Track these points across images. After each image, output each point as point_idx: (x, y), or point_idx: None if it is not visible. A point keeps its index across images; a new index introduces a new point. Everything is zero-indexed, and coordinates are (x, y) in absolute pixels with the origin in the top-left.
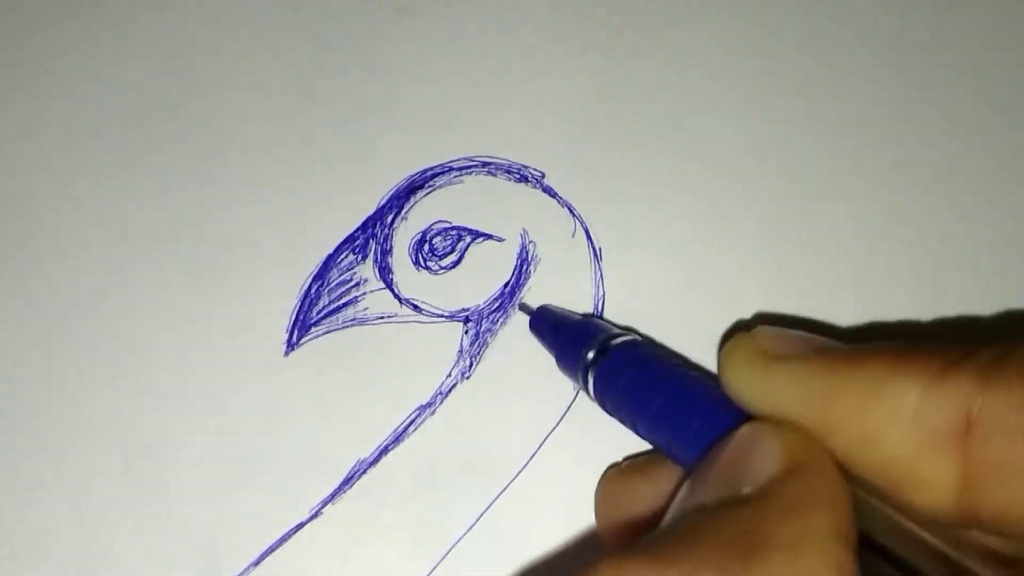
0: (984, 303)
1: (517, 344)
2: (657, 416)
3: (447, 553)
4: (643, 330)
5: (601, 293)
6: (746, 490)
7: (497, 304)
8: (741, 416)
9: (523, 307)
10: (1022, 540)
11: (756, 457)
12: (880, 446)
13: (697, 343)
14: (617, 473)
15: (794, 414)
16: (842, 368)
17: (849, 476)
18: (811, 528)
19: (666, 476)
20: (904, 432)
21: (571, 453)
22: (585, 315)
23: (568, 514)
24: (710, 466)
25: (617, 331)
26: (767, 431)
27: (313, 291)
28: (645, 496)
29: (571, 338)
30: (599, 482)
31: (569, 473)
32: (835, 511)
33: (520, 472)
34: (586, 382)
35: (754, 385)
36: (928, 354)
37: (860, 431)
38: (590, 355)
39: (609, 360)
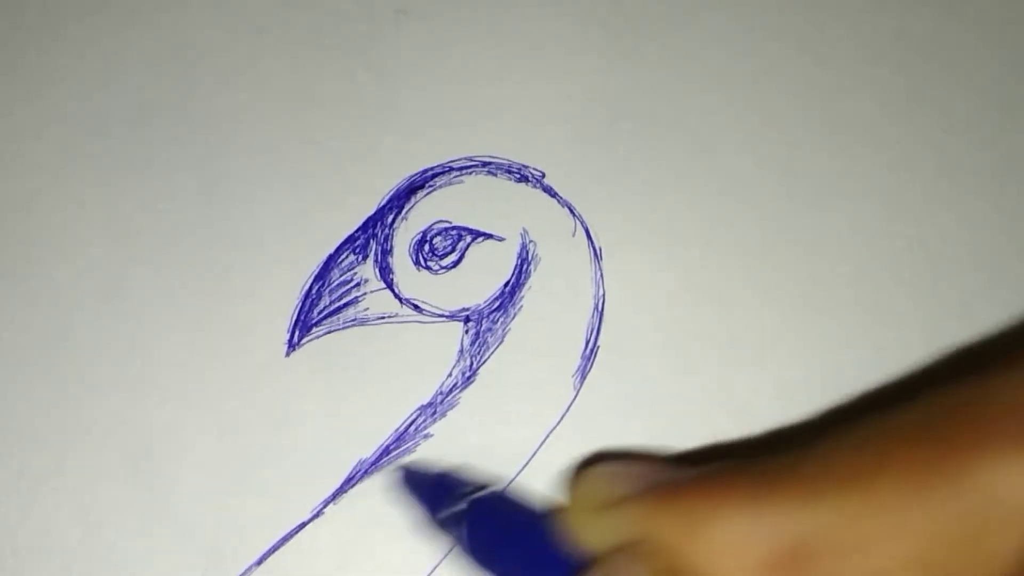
0: (984, 303)
1: (518, 344)
2: (519, 570)
3: (448, 553)
4: (643, 330)
5: (601, 293)
6: None
7: (497, 304)
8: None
9: (392, 468)
10: None
11: None
12: None
13: (697, 343)
14: None
15: None
16: (668, 507)
17: None
18: None
19: None
20: (732, 566)
21: (571, 453)
22: (450, 469)
23: None
24: None
25: (482, 483)
26: (629, 558)
27: (314, 291)
28: None
29: (437, 493)
30: None
31: (569, 473)
32: None
33: (520, 472)
34: (457, 536)
35: (593, 535)
36: (749, 478)
37: (688, 570)
38: (459, 508)
39: (472, 516)
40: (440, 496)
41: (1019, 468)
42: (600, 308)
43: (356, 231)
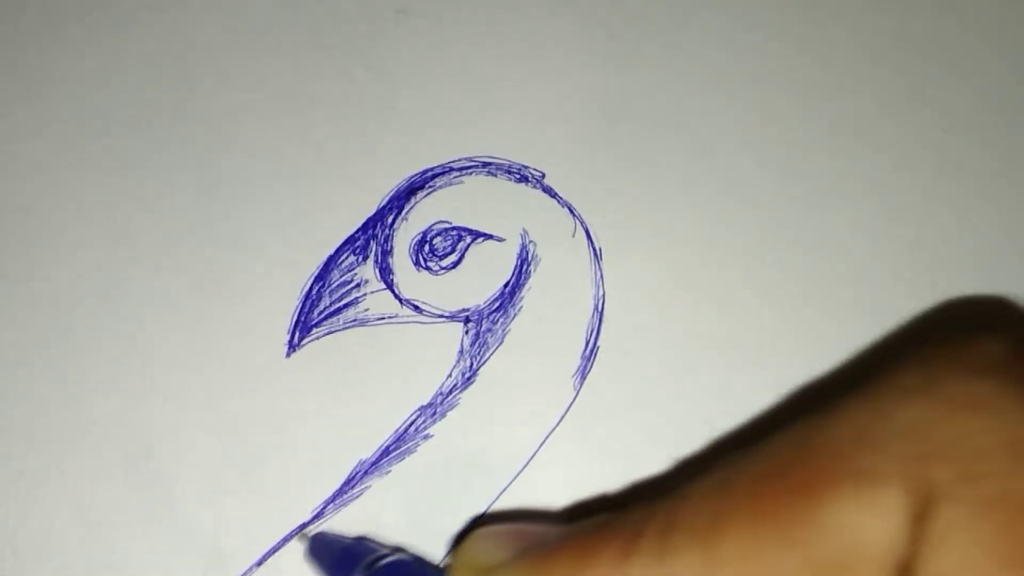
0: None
1: (518, 344)
2: None
3: (447, 553)
4: (643, 330)
5: (601, 293)
6: None
7: (497, 304)
8: None
9: (300, 537)
10: None
11: None
12: None
13: (697, 343)
14: None
15: None
16: (539, 567)
17: None
18: None
19: None
20: None
21: (571, 453)
22: (359, 538)
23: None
24: None
25: (387, 551)
26: None
27: (314, 292)
28: None
29: (343, 562)
30: None
31: (569, 473)
32: None
33: (520, 472)
34: None
35: None
36: (612, 535)
37: None
38: None
39: None
40: (345, 565)
41: (858, 505)
42: (600, 308)
43: (356, 232)
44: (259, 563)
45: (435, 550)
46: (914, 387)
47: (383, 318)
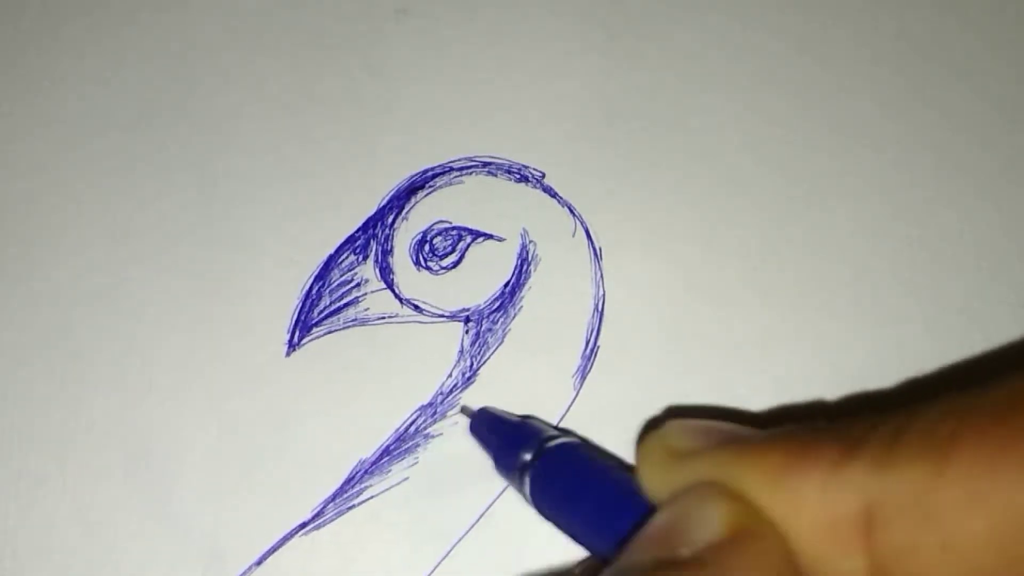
0: (985, 303)
1: (518, 344)
2: (587, 519)
3: (447, 553)
4: (643, 330)
5: (601, 293)
6: (684, 552)
7: (497, 304)
8: None
9: (464, 410)
10: None
11: (697, 520)
12: (788, 538)
13: (697, 343)
14: None
15: None
16: (745, 460)
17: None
18: None
19: None
20: (806, 526)
21: None
22: (524, 417)
23: None
24: (648, 526)
25: (554, 433)
26: (711, 495)
27: (314, 291)
28: None
29: (508, 441)
30: None
31: None
32: None
33: None
34: (522, 485)
35: (666, 484)
36: (828, 440)
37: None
38: (526, 458)
39: (543, 463)
40: (509, 444)
41: None
42: (600, 308)
43: (356, 231)
44: (259, 563)
45: (435, 550)
46: None
47: (383, 318)
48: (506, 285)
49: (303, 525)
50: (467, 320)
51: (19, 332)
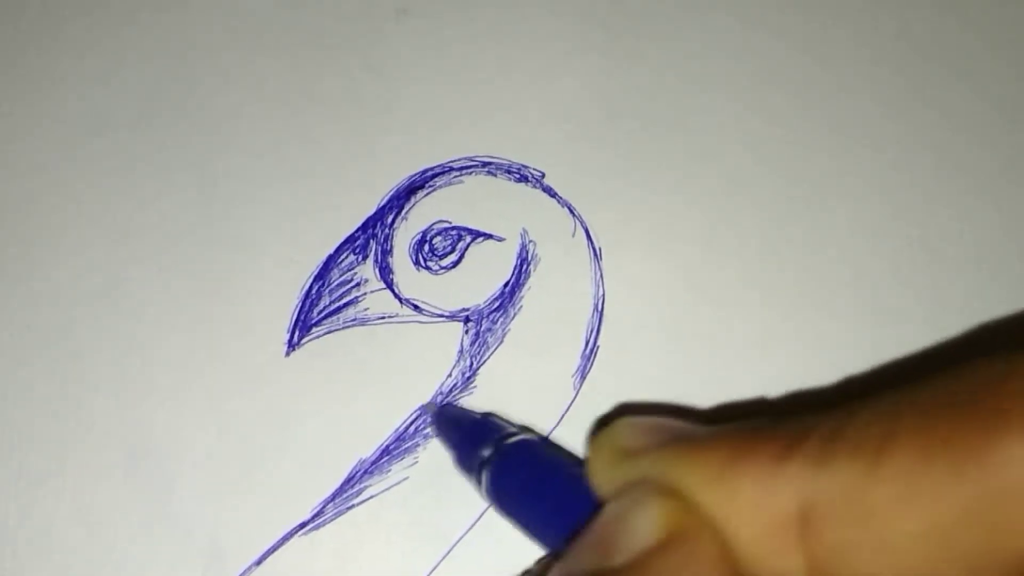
0: (986, 303)
1: (518, 344)
2: (540, 516)
3: (447, 553)
4: (643, 330)
5: (601, 293)
6: (617, 560)
7: (497, 304)
8: None
9: (426, 407)
10: None
11: (631, 525)
12: (726, 537)
13: (697, 343)
14: None
15: None
16: (687, 459)
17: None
18: None
19: None
20: (746, 524)
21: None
22: (486, 414)
23: None
24: (582, 535)
25: (513, 430)
26: (646, 496)
27: (314, 291)
28: None
29: (469, 437)
30: None
31: None
32: None
33: None
34: (480, 481)
35: (613, 482)
36: (768, 438)
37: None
38: (485, 454)
39: (500, 460)
40: (470, 440)
41: None
42: (600, 308)
43: (356, 231)
44: (258, 562)
45: (435, 550)
46: None
47: (383, 317)
48: (506, 285)
49: (303, 525)
50: (467, 320)
51: (19, 332)
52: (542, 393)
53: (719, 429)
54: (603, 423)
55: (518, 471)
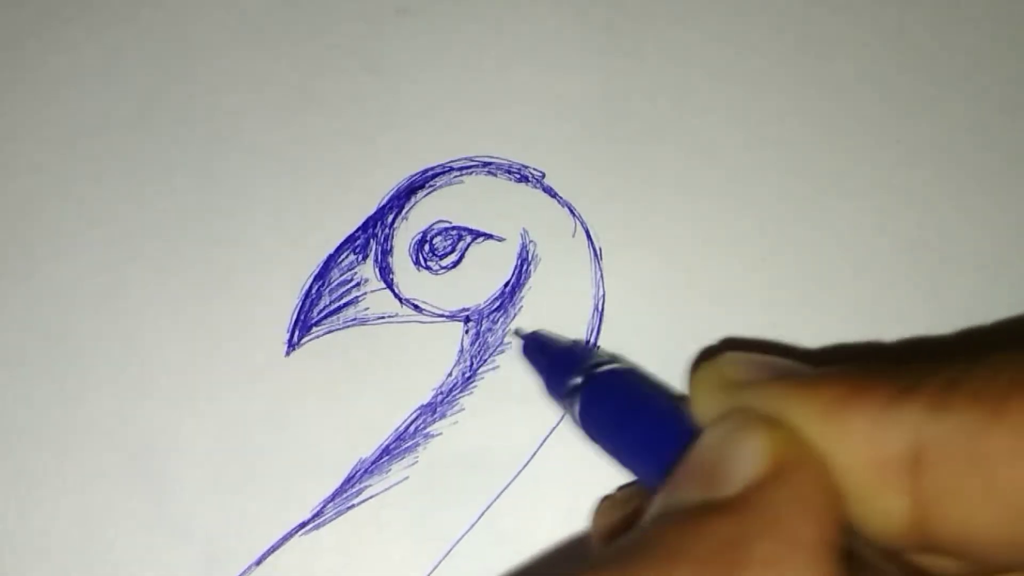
0: (986, 302)
1: (518, 344)
2: (634, 444)
3: (447, 553)
4: (643, 330)
5: (601, 293)
6: (727, 493)
7: (497, 304)
8: None
9: (517, 332)
10: (975, 564)
11: (738, 453)
12: (835, 473)
13: (697, 343)
14: (610, 503)
15: None
16: (799, 394)
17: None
18: (797, 542)
19: None
20: (855, 461)
21: (571, 453)
22: (576, 342)
23: (568, 514)
24: (690, 456)
25: (605, 358)
26: (751, 423)
27: (314, 291)
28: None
29: (559, 364)
30: (594, 511)
31: (569, 473)
32: (822, 522)
33: (520, 472)
34: (571, 408)
35: (716, 411)
36: (883, 380)
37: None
38: (576, 382)
39: (593, 387)
40: (560, 368)
41: None
42: (600, 308)
43: (356, 231)
44: (258, 562)
45: (435, 549)
46: None
47: (383, 317)
48: (506, 285)
49: (303, 525)
50: (467, 320)
51: (19, 332)
52: (543, 393)
53: (830, 369)
54: (705, 356)
55: (610, 398)
